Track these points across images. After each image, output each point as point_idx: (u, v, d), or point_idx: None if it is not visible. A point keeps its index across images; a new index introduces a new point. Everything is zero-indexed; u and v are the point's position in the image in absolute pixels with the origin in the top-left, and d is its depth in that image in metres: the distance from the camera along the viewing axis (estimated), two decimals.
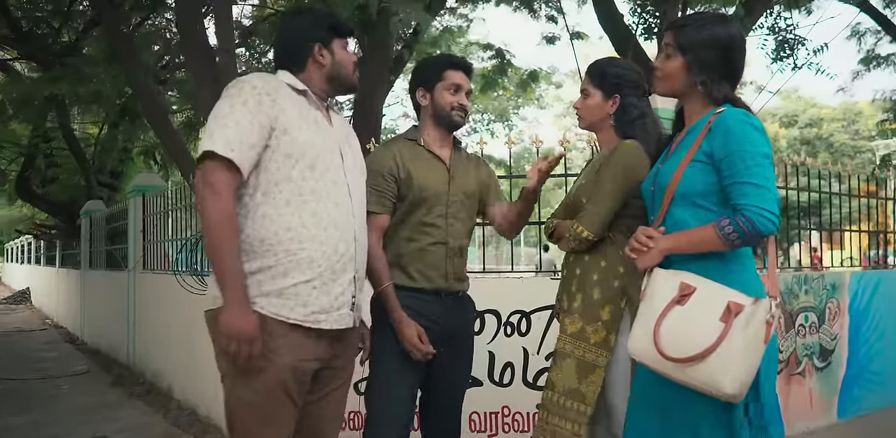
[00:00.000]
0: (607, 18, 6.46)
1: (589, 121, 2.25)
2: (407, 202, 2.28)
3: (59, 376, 6.15)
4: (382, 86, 6.04)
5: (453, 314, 2.32)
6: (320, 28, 1.97)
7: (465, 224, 2.38)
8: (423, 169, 2.30)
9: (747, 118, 1.69)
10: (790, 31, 6.17)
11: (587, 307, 2.11)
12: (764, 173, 1.63)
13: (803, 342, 4.17)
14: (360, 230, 1.95)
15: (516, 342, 3.49)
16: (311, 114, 1.90)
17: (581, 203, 2.17)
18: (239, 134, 1.73)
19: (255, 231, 1.78)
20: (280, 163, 1.79)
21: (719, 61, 1.76)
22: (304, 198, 1.81)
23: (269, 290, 1.78)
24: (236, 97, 1.78)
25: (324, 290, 1.82)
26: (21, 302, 16.30)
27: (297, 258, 1.79)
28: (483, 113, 22.39)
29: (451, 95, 2.32)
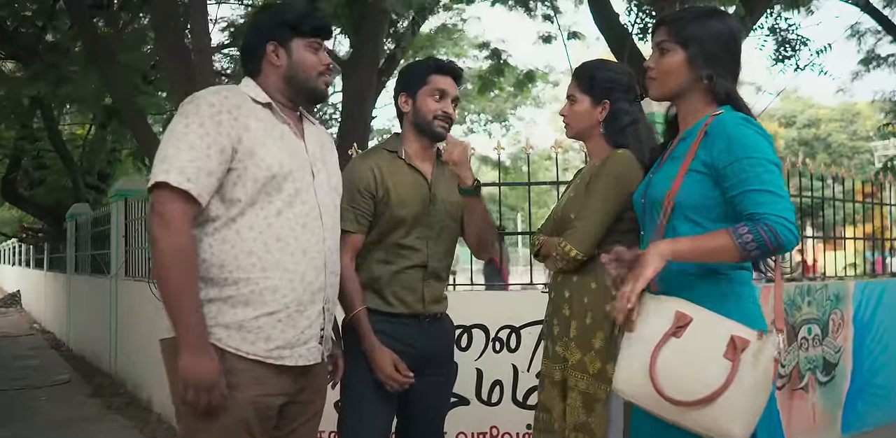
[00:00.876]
0: (603, 18, 6.30)
1: (577, 129, 2.08)
2: (384, 221, 2.10)
3: (40, 386, 5.99)
4: (371, 88, 5.87)
5: (431, 337, 2.14)
6: (278, 24, 1.76)
7: (446, 245, 2.20)
8: (402, 185, 2.11)
9: (748, 122, 1.53)
10: (791, 32, 6.01)
11: (581, 334, 1.94)
12: (777, 181, 1.47)
13: (806, 355, 4.01)
14: (332, 255, 1.77)
15: (505, 358, 3.32)
16: (278, 129, 1.71)
17: (569, 219, 2.00)
18: (196, 161, 1.56)
19: (214, 256, 1.61)
20: (246, 187, 1.62)
21: (724, 54, 1.61)
22: (270, 222, 1.63)
23: (228, 322, 1.61)
24: (192, 117, 1.60)
25: (289, 323, 1.65)
26: (11, 304, 16.11)
27: (260, 287, 1.62)
28: (480, 113, 22.26)
29: (434, 102, 2.12)
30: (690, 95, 1.64)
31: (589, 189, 1.98)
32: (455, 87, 2.17)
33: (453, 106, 2.16)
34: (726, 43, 1.61)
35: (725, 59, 1.61)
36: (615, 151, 1.99)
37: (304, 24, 1.76)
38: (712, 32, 1.60)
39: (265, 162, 1.63)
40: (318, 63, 1.78)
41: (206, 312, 1.60)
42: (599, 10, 6.28)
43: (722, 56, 1.60)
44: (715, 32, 1.60)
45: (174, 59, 3.74)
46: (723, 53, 1.60)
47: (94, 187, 10.26)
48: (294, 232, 1.66)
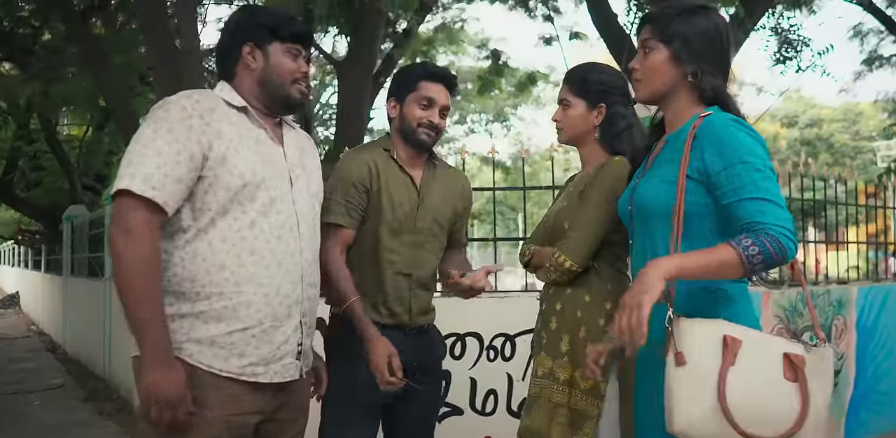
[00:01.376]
0: (601, 18, 6.22)
1: (571, 135, 1.99)
2: (370, 221, 2.02)
3: (33, 390, 5.93)
4: (367, 89, 5.80)
5: (417, 350, 2.05)
6: (256, 26, 1.69)
7: (434, 254, 2.11)
8: (394, 185, 2.04)
9: (739, 124, 1.45)
10: (793, 32, 5.92)
11: (574, 349, 1.86)
12: (774, 188, 1.40)
13: None
14: (310, 267, 1.69)
15: (500, 367, 3.25)
16: (253, 135, 1.63)
17: (563, 228, 1.92)
18: (163, 167, 1.48)
19: (185, 270, 1.54)
20: (217, 195, 1.54)
21: (710, 51, 1.53)
22: (243, 234, 1.56)
23: (199, 337, 1.53)
24: (161, 121, 1.52)
25: (264, 339, 1.58)
26: (10, 306, 16.08)
27: (234, 302, 1.54)
28: (480, 113, 22.18)
29: (420, 110, 2.03)
30: (677, 95, 1.57)
31: (583, 197, 1.90)
32: (446, 96, 2.07)
33: (442, 115, 2.07)
34: (711, 39, 1.53)
35: (711, 56, 1.53)
36: (612, 158, 1.91)
37: (285, 29, 1.69)
38: (697, 28, 1.53)
39: (237, 169, 1.55)
40: (296, 70, 1.70)
41: (178, 327, 1.53)
42: (597, 10, 6.20)
43: (708, 53, 1.53)
44: (700, 28, 1.53)
45: (163, 60, 3.67)
46: (709, 50, 1.53)
47: (91, 188, 10.19)
48: (269, 244, 1.59)
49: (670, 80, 1.55)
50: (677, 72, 1.54)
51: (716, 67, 1.53)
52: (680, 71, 1.54)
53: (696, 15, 1.55)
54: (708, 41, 1.53)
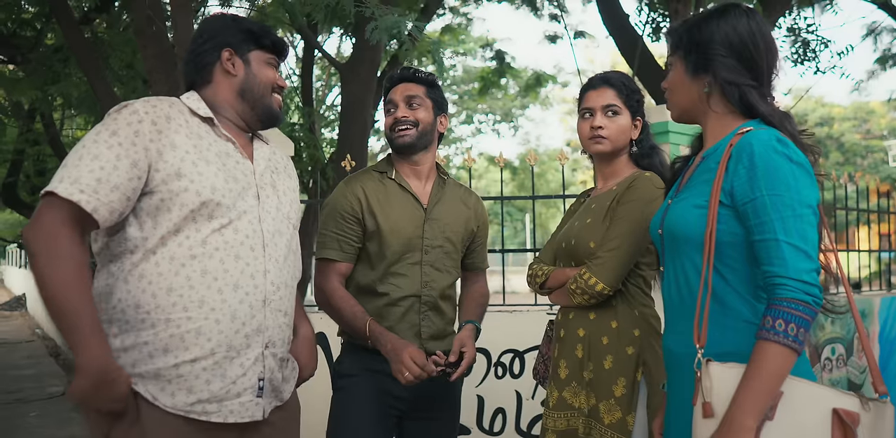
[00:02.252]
0: (612, 18, 6.05)
1: (615, 146, 1.85)
2: (373, 248, 1.92)
3: (31, 400, 5.82)
4: (371, 92, 5.67)
5: (430, 380, 1.92)
6: (237, 32, 1.58)
7: (446, 274, 1.99)
8: (391, 208, 1.93)
9: (781, 146, 1.26)
10: (811, 32, 5.74)
11: (599, 379, 1.72)
12: (805, 230, 1.22)
13: (829, 377, 3.78)
14: (280, 291, 1.52)
15: (508, 385, 3.11)
16: (216, 148, 1.49)
17: (588, 248, 1.78)
18: (97, 171, 1.34)
19: (130, 295, 1.38)
20: (172, 213, 1.39)
21: (732, 56, 1.35)
22: (193, 252, 1.40)
23: (144, 371, 1.37)
24: (109, 124, 1.39)
25: (216, 372, 1.40)
26: (16, 308, 16.06)
27: (181, 330, 1.38)
28: (488, 113, 22.03)
29: (388, 116, 1.99)
30: (707, 110, 1.41)
31: (616, 215, 1.76)
32: (404, 89, 1.98)
33: (409, 105, 1.96)
34: (730, 43, 1.35)
35: (731, 61, 1.35)
36: (642, 173, 1.78)
37: (266, 38, 1.58)
38: (711, 34, 1.36)
39: (193, 185, 1.41)
40: (275, 79, 1.60)
41: (122, 362, 1.36)
42: (608, 10, 6.03)
43: (725, 58, 1.35)
44: (715, 34, 1.36)
45: (159, 65, 3.56)
46: (727, 55, 1.35)
47: None
48: (223, 264, 1.42)
49: (691, 95, 1.41)
50: (696, 84, 1.39)
51: (738, 72, 1.35)
52: (698, 83, 1.39)
53: (709, 19, 1.38)
54: (725, 45, 1.36)
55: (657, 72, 5.63)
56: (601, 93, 1.85)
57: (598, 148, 1.84)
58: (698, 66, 1.38)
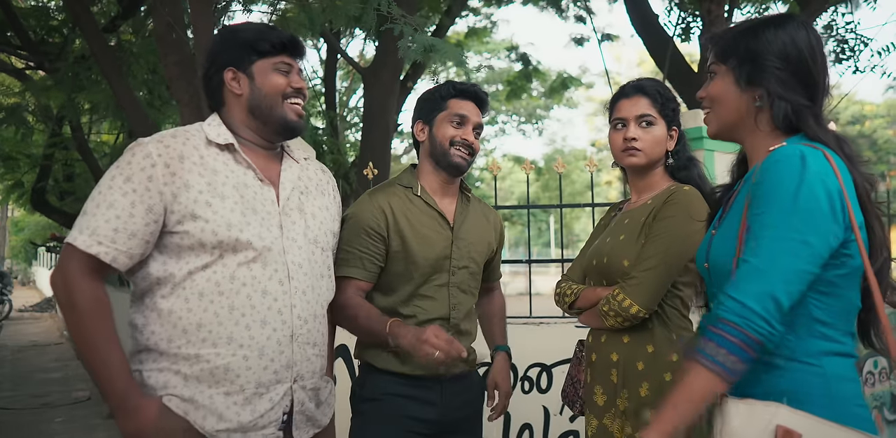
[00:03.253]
0: (640, 18, 5.91)
1: (650, 158, 1.74)
2: (397, 269, 1.83)
3: (57, 405, 5.86)
4: (394, 95, 5.61)
5: (456, 399, 1.85)
6: (235, 46, 1.51)
7: (470, 295, 1.92)
8: (419, 227, 1.84)
9: (800, 163, 1.14)
10: (850, 30, 5.54)
11: (634, 408, 1.63)
12: (780, 254, 1.12)
13: (872, 391, 3.61)
14: (308, 324, 1.50)
15: (535, 400, 3.01)
16: (233, 180, 1.47)
17: (621, 266, 1.68)
18: (113, 221, 1.38)
19: (162, 328, 1.41)
20: (195, 252, 1.42)
21: (786, 68, 1.25)
22: (222, 288, 1.42)
23: (180, 393, 1.40)
24: (123, 169, 1.41)
25: (247, 407, 1.42)
26: (46, 309, 16.32)
27: (211, 366, 1.40)
28: (513, 114, 21.91)
29: (452, 128, 1.85)
30: (751, 126, 1.30)
31: (653, 232, 1.65)
32: (478, 113, 1.90)
33: (476, 134, 1.89)
34: (786, 54, 1.24)
35: (788, 75, 1.25)
36: (680, 187, 1.67)
37: (263, 41, 1.50)
38: (765, 44, 1.26)
39: (209, 225, 1.41)
40: (285, 85, 1.51)
41: (154, 382, 1.41)
42: (636, 10, 5.89)
43: (780, 71, 1.24)
44: (770, 43, 1.26)
45: (181, 72, 3.53)
46: (782, 68, 1.24)
47: None
48: (251, 300, 1.43)
49: (740, 109, 1.30)
50: (745, 97, 1.28)
51: (792, 88, 1.25)
52: (748, 96, 1.28)
53: (765, 28, 1.27)
54: (781, 57, 1.25)
55: (688, 74, 5.48)
56: (634, 102, 1.74)
57: (632, 160, 1.74)
58: (752, 78, 1.27)
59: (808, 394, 1.15)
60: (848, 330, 1.22)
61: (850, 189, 1.18)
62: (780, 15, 1.32)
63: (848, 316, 1.22)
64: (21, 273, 30.40)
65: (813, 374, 1.17)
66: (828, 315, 1.18)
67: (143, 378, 1.42)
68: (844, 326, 1.21)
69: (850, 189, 1.17)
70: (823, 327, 1.18)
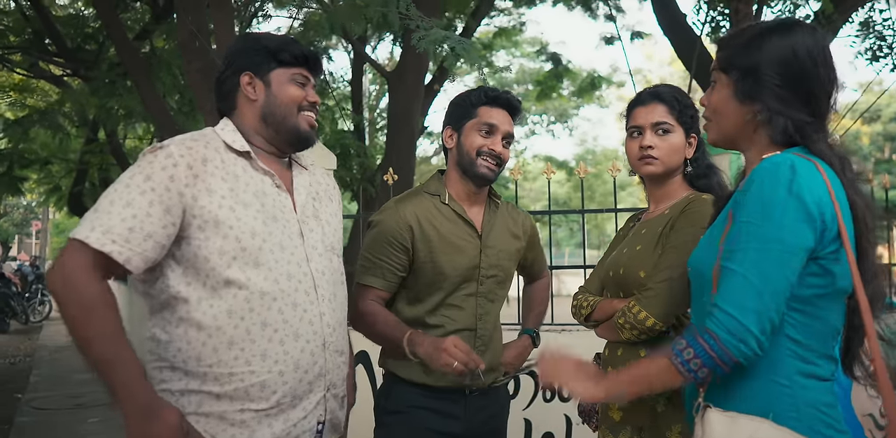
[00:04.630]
0: (667, 17, 5.79)
1: (665, 166, 1.69)
2: (425, 279, 1.80)
3: (91, 405, 5.97)
4: (418, 98, 5.60)
5: (480, 413, 1.83)
6: (255, 51, 1.49)
7: (497, 304, 1.89)
8: (448, 237, 1.81)
9: (789, 173, 1.11)
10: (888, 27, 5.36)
11: (651, 425, 1.59)
12: (764, 265, 1.09)
13: None
14: (335, 332, 1.47)
15: (557, 408, 2.97)
16: (253, 187, 1.43)
17: (637, 278, 1.63)
18: (129, 220, 1.30)
19: (190, 347, 1.34)
20: (214, 262, 1.34)
21: (785, 81, 1.19)
22: (251, 305, 1.35)
23: (208, 411, 1.35)
24: (143, 167, 1.34)
25: (280, 417, 1.39)
26: None
27: (245, 385, 1.35)
28: (542, 114, 21.77)
29: (480, 137, 1.81)
30: (751, 138, 1.25)
31: (669, 242, 1.61)
32: (509, 122, 1.85)
33: (506, 144, 1.84)
34: (787, 66, 1.19)
35: (785, 92, 1.19)
36: (699, 196, 1.62)
37: (285, 52, 1.48)
38: (766, 55, 1.20)
39: (233, 231, 1.35)
40: (301, 97, 1.49)
41: (185, 403, 1.34)
42: (663, 10, 5.77)
43: (779, 88, 1.19)
44: (771, 54, 1.20)
45: (203, 80, 3.57)
46: (778, 84, 1.19)
47: None
48: (283, 314, 1.38)
49: (739, 121, 1.25)
50: (744, 110, 1.23)
51: (791, 104, 1.19)
52: (747, 109, 1.23)
53: (770, 37, 1.21)
54: (780, 72, 1.19)
55: None
56: (651, 109, 1.69)
57: (648, 169, 1.69)
58: (750, 93, 1.22)
59: (780, 416, 1.11)
60: (825, 352, 1.17)
61: (845, 208, 1.14)
62: (788, 21, 1.26)
63: (825, 339, 1.17)
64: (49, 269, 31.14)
65: (784, 395, 1.13)
66: (802, 334, 1.14)
67: (175, 398, 1.34)
68: (821, 348, 1.16)
69: (844, 208, 1.13)
70: (796, 346, 1.14)
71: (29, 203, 25.17)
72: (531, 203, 27.21)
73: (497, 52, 15.05)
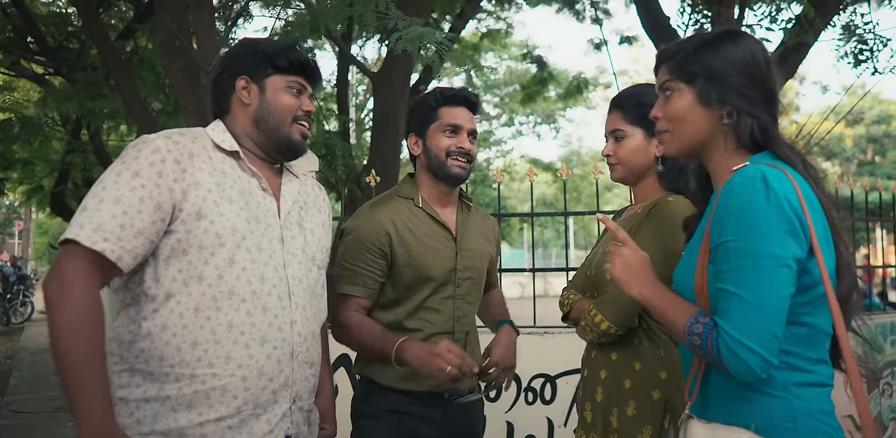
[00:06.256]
0: (652, 20, 5.81)
1: (627, 171, 1.71)
2: (403, 283, 1.79)
3: None
4: (403, 100, 5.58)
5: (457, 418, 1.82)
6: (253, 56, 1.49)
7: (473, 306, 1.89)
8: (424, 240, 1.80)
9: (762, 185, 1.11)
10: (869, 31, 5.41)
11: (623, 427, 1.58)
12: (760, 282, 1.09)
13: (889, 403, 3.51)
14: (307, 342, 1.45)
15: (539, 411, 2.96)
16: (239, 185, 1.41)
17: (604, 279, 1.63)
18: (119, 217, 1.28)
19: (153, 345, 1.31)
20: (191, 256, 1.33)
21: (747, 84, 1.21)
22: (219, 304, 1.33)
23: (166, 428, 1.31)
24: (129, 163, 1.32)
25: (242, 430, 1.34)
26: None
27: (206, 387, 1.31)
28: (529, 115, 21.80)
29: (447, 138, 1.81)
30: (715, 145, 1.25)
31: None
32: (471, 119, 1.86)
33: (471, 140, 1.85)
34: (748, 69, 1.22)
35: (750, 91, 1.21)
36: (666, 197, 1.62)
37: (282, 58, 1.48)
38: (726, 59, 1.22)
39: (213, 226, 1.34)
40: (296, 106, 1.49)
41: (142, 416, 1.31)
42: (647, 12, 5.79)
43: (744, 87, 1.21)
44: (730, 58, 1.22)
45: (184, 79, 3.53)
46: (745, 83, 1.21)
47: None
48: (251, 317, 1.35)
49: (706, 128, 1.24)
50: (710, 116, 1.23)
51: (756, 103, 1.21)
52: (713, 114, 1.23)
53: (722, 43, 1.23)
54: (743, 73, 1.21)
55: None
56: (610, 118, 1.73)
57: (613, 175, 1.75)
58: (717, 96, 1.22)
59: (776, 428, 1.12)
60: (819, 357, 1.17)
61: (814, 210, 1.14)
62: (729, 30, 1.28)
63: (815, 344, 1.17)
64: (45, 274, 30.86)
65: (779, 407, 1.13)
66: (793, 344, 1.14)
67: (130, 409, 1.32)
68: (814, 354, 1.17)
69: (813, 210, 1.14)
70: (788, 356, 1.14)
71: (11, 203, 24.89)
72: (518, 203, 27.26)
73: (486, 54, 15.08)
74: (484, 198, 22.11)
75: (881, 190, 3.98)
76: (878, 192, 3.95)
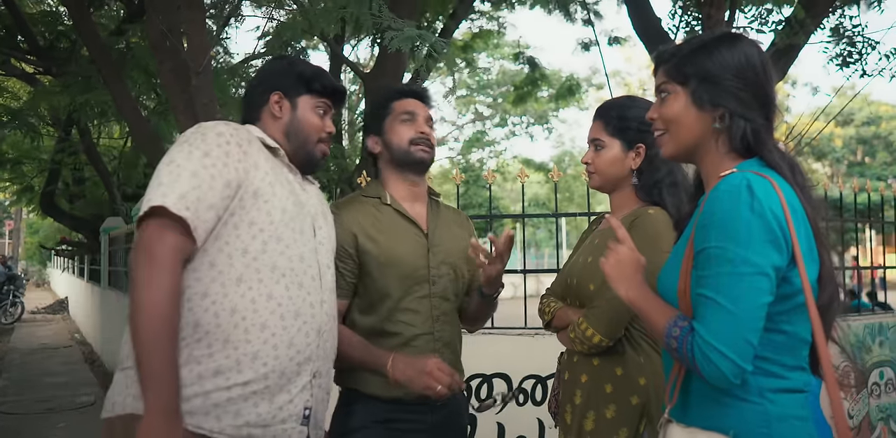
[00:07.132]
0: (642, 22, 5.82)
1: (603, 180, 1.73)
2: (375, 285, 1.76)
3: (61, 410, 5.88)
4: None
5: (443, 424, 1.79)
6: (288, 75, 1.61)
7: (454, 303, 1.85)
8: (392, 238, 1.78)
9: (747, 193, 1.12)
10: (858, 33, 5.44)
11: (600, 429, 1.59)
12: (738, 289, 1.10)
13: (878, 403, 3.54)
14: (330, 322, 1.52)
15: (530, 412, 2.98)
16: (285, 176, 1.52)
17: (588, 290, 1.65)
18: (196, 189, 1.32)
19: (191, 312, 1.34)
20: (240, 231, 1.39)
21: (742, 87, 1.22)
22: (261, 276, 1.39)
23: (192, 393, 1.32)
24: (197, 144, 1.38)
25: (265, 396, 1.37)
26: (58, 311, 16.46)
27: (238, 353, 1.35)
28: (522, 115, 21.84)
29: (405, 126, 1.81)
30: (708, 148, 1.26)
31: None
32: (424, 108, 1.87)
33: (429, 126, 1.85)
34: (742, 73, 1.22)
35: (744, 94, 1.21)
36: (646, 210, 1.63)
37: (318, 81, 1.60)
38: (721, 62, 1.22)
39: (268, 205, 1.42)
40: (321, 128, 1.61)
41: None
42: (637, 14, 5.80)
43: (738, 90, 1.21)
44: (725, 61, 1.22)
45: (175, 79, 3.52)
46: (739, 86, 1.21)
47: (133, 198, 10.20)
48: (289, 291, 1.42)
49: (699, 130, 1.25)
50: (704, 118, 1.24)
51: (751, 107, 1.22)
52: (706, 116, 1.24)
53: (718, 46, 1.24)
54: (738, 76, 1.22)
55: None
56: (593, 126, 1.76)
57: (591, 183, 1.78)
58: (710, 98, 1.23)
59: (751, 432, 1.13)
60: (796, 364, 1.18)
61: (798, 220, 1.15)
62: (729, 33, 1.30)
63: (792, 351, 1.18)
64: (36, 274, 30.74)
65: (754, 412, 1.14)
66: (770, 350, 1.15)
67: None
68: (790, 361, 1.17)
69: (797, 220, 1.15)
70: (765, 363, 1.15)
71: (1, 202, 24.74)
72: (512, 203, 27.29)
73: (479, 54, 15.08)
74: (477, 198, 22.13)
75: (870, 191, 4.01)
76: (867, 194, 3.98)
